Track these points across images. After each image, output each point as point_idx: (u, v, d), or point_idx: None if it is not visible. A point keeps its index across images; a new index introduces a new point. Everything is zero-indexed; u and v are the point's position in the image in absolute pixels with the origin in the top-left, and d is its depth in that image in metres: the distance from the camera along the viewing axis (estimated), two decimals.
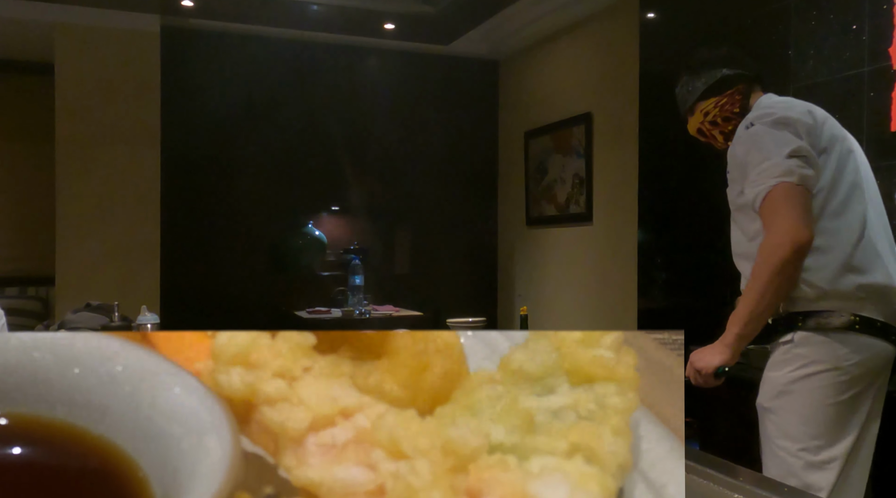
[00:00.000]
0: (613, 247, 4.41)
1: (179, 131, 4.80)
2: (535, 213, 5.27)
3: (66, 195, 4.56)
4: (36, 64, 4.95)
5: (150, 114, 4.70)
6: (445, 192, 5.57)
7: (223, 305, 4.89)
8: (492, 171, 5.79)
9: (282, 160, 5.15)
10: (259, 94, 5.04)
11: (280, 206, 5.22)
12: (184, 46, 4.84)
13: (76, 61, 4.56)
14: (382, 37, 5.15)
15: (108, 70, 4.61)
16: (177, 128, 4.79)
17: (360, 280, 5.00)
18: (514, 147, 5.54)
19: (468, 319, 3.40)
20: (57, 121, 4.55)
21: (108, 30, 4.60)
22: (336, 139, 5.29)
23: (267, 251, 5.20)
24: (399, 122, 5.44)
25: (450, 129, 5.58)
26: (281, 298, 5.15)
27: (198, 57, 4.89)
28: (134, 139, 4.66)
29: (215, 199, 4.97)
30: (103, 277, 4.49)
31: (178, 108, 4.81)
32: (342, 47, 5.29)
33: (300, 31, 5.01)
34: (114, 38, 4.62)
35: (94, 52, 4.59)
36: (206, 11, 4.60)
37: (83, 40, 4.58)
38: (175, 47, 4.80)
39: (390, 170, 5.48)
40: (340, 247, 5.47)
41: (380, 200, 5.53)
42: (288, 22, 4.86)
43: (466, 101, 5.67)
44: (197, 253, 4.91)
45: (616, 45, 4.41)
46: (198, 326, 4.23)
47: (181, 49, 4.83)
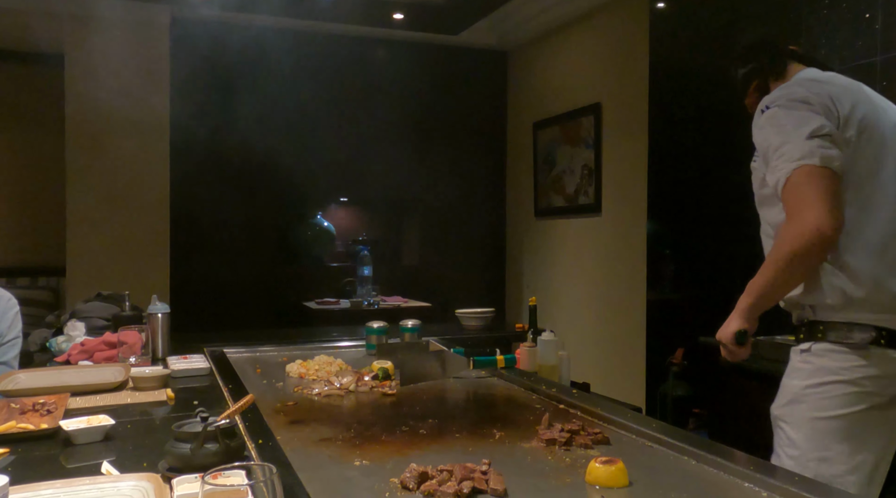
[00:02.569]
0: (622, 238, 4.39)
1: (189, 122, 4.81)
2: (543, 204, 5.26)
3: (77, 186, 4.58)
4: (46, 55, 4.95)
5: (159, 105, 4.71)
6: (454, 183, 5.56)
7: (232, 295, 4.90)
8: (500, 161, 5.78)
9: (291, 151, 5.15)
10: (268, 85, 5.04)
11: (289, 197, 5.23)
12: (194, 37, 4.84)
13: (86, 52, 4.57)
14: (391, 27, 5.14)
15: (118, 61, 4.62)
16: (186, 118, 4.79)
17: (368, 271, 5.01)
18: (523, 138, 5.52)
19: (476, 310, 3.40)
20: (67, 111, 4.56)
21: (118, 20, 4.60)
22: (345, 130, 5.29)
23: (276, 242, 5.21)
24: (407, 113, 5.43)
25: (458, 120, 5.57)
26: (290, 288, 5.16)
27: (207, 48, 4.89)
28: (144, 130, 4.67)
29: (224, 190, 4.97)
30: (113, 267, 4.51)
31: (188, 98, 4.81)
32: (351, 37, 5.28)
33: (310, 21, 5.00)
34: (124, 29, 4.62)
35: (104, 42, 4.59)
36: (216, 2, 4.59)
37: (93, 31, 4.58)
38: (185, 38, 4.80)
39: (399, 161, 5.47)
40: (349, 238, 5.48)
41: (388, 191, 5.53)
42: (298, 12, 4.86)
43: (475, 92, 5.65)
44: (206, 243, 4.92)
45: (626, 35, 4.39)
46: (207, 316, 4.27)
47: (191, 40, 4.82)
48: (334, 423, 1.74)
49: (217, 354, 2.50)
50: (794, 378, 1.74)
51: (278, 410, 1.86)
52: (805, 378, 1.71)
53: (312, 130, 5.19)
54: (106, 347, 2.34)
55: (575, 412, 1.81)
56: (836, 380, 1.67)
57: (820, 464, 1.64)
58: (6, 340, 2.41)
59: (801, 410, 1.70)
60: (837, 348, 1.68)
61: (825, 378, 1.68)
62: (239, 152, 4.99)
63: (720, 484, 1.29)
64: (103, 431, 1.49)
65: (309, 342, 2.83)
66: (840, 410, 1.65)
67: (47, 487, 1.13)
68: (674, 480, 1.32)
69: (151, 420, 1.70)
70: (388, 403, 1.96)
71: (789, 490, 1.17)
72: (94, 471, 1.27)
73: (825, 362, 1.69)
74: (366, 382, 2.12)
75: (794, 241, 1.61)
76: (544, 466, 1.40)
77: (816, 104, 1.69)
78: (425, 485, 1.24)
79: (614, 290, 4.47)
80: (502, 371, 2.29)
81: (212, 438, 1.22)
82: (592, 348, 4.59)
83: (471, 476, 1.26)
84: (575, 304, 4.86)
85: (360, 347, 2.78)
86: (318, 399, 2.00)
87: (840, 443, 1.64)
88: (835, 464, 1.64)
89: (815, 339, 1.72)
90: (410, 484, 1.25)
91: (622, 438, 1.58)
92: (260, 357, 2.63)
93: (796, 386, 1.72)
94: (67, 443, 1.47)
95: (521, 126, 5.58)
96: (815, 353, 1.71)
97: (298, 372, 2.28)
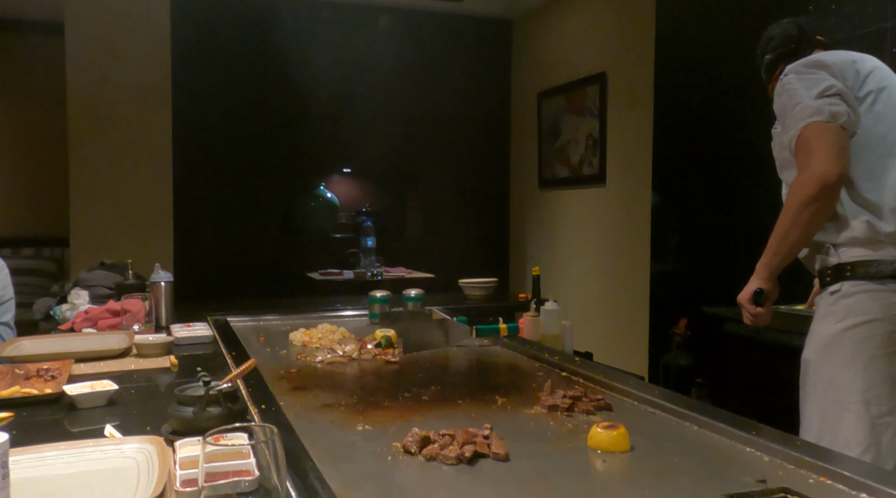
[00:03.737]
0: (627, 209, 4.37)
1: (191, 92, 4.78)
2: (547, 174, 5.23)
3: (79, 157, 4.56)
4: (46, 24, 4.91)
5: (161, 75, 4.67)
6: (457, 154, 5.53)
7: (236, 266, 4.91)
8: (504, 132, 5.74)
9: (294, 121, 5.12)
10: (271, 55, 4.99)
11: (292, 167, 5.21)
12: (195, 4, 4.78)
13: (86, 21, 4.52)
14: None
15: (118, 30, 4.58)
16: (188, 89, 4.76)
17: (372, 242, 5.00)
18: (527, 108, 5.48)
19: (480, 280, 3.40)
20: (68, 81, 4.53)
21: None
22: (348, 100, 5.25)
23: (279, 213, 5.20)
24: (411, 83, 5.39)
25: (462, 90, 5.52)
26: (293, 259, 5.16)
27: (209, 18, 4.84)
28: (145, 100, 4.64)
29: (227, 161, 4.95)
30: (117, 237, 4.51)
31: (189, 68, 4.77)
32: (354, 5, 5.22)
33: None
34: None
35: (104, 12, 4.55)
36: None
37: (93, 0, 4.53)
38: (186, 5, 4.75)
39: (402, 131, 5.44)
40: (352, 209, 5.46)
41: (392, 162, 5.50)
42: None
43: (479, 62, 5.60)
44: (209, 214, 4.92)
45: (632, 3, 4.32)
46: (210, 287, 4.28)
47: (192, 7, 4.77)
48: (337, 389, 1.75)
49: (220, 322, 2.50)
50: (827, 322, 1.76)
51: (281, 376, 1.86)
52: (839, 321, 1.74)
53: (315, 101, 5.15)
54: (109, 315, 2.34)
55: (577, 379, 1.81)
56: (871, 319, 1.69)
57: (862, 406, 1.66)
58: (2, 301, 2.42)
59: (838, 354, 1.72)
60: (869, 286, 1.71)
61: (859, 318, 1.71)
62: (241, 123, 4.96)
63: (721, 449, 1.29)
64: (107, 395, 1.49)
65: (312, 312, 2.83)
66: (879, 350, 1.68)
67: (51, 450, 1.14)
68: (675, 445, 1.32)
69: (155, 386, 1.70)
70: (391, 371, 1.96)
71: (790, 454, 1.17)
72: (98, 435, 1.28)
73: (858, 302, 1.72)
74: (369, 350, 2.13)
75: (800, 190, 1.70)
76: (546, 431, 1.40)
77: (833, 65, 1.77)
78: (427, 449, 1.25)
79: (618, 260, 4.46)
80: (505, 340, 2.29)
81: (214, 401, 1.23)
82: (596, 319, 4.60)
83: (473, 440, 1.26)
84: (579, 275, 4.85)
85: (363, 316, 2.78)
86: (320, 366, 2.00)
87: (882, 383, 1.67)
88: (876, 404, 1.66)
89: (844, 278, 1.75)
90: (412, 448, 1.26)
91: (624, 405, 1.59)
92: (263, 326, 2.63)
93: (831, 329, 1.74)
94: (71, 408, 1.48)
95: (525, 96, 5.53)
96: (845, 293, 1.74)
97: (301, 340, 2.28)
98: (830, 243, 1.78)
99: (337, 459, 1.24)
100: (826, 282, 1.80)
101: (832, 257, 1.78)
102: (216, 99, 4.87)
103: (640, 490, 1.11)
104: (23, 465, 1.08)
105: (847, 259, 1.75)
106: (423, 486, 1.13)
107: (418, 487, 1.13)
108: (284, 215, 5.23)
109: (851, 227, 1.74)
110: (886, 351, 1.68)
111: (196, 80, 4.79)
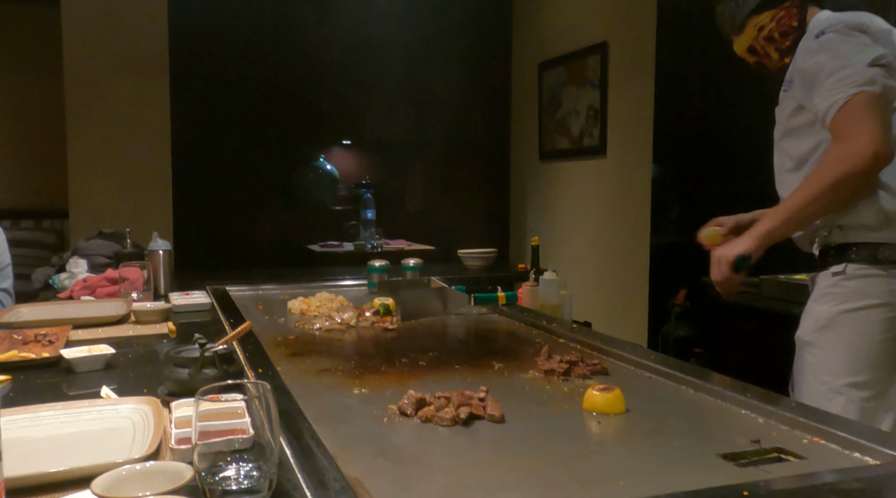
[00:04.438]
0: (627, 181, 4.35)
1: (188, 62, 4.73)
2: (548, 146, 5.20)
3: (77, 128, 4.54)
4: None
5: (158, 44, 4.63)
6: (457, 125, 5.49)
7: (235, 238, 4.90)
8: (505, 103, 5.70)
9: (292, 93, 5.08)
10: (269, 25, 4.94)
11: (291, 139, 5.18)
12: None
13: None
14: None
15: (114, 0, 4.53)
16: (185, 59, 4.72)
17: (371, 214, 4.99)
18: (528, 79, 5.43)
19: (478, 250, 3.40)
20: (65, 52, 4.49)
21: None
22: (347, 71, 5.21)
23: (278, 185, 5.18)
24: (410, 54, 5.33)
25: (462, 61, 5.47)
26: (293, 231, 5.15)
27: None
28: (142, 70, 4.60)
29: (226, 132, 4.92)
30: (116, 208, 4.50)
31: (186, 38, 4.72)
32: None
33: None
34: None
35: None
36: None
37: None
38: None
39: (402, 103, 5.40)
40: (352, 181, 5.44)
41: (391, 134, 5.47)
42: None
43: (479, 32, 5.54)
44: (209, 186, 4.90)
45: None
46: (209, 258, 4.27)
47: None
48: (334, 355, 1.75)
49: (219, 291, 2.51)
50: (826, 303, 1.71)
51: (279, 343, 1.87)
52: (839, 303, 1.69)
53: (314, 72, 5.11)
54: (108, 283, 2.34)
55: (574, 346, 1.81)
56: (874, 304, 1.65)
57: (851, 389, 1.65)
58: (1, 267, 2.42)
59: (835, 336, 1.68)
60: (874, 270, 1.66)
61: (861, 302, 1.66)
62: (240, 94, 4.92)
63: (717, 411, 1.29)
64: (104, 359, 1.50)
65: (312, 281, 2.83)
66: (878, 336, 1.65)
67: (48, 410, 1.14)
68: (671, 407, 1.32)
69: (152, 351, 1.70)
70: (389, 338, 1.97)
71: (785, 415, 1.18)
72: (95, 397, 1.28)
73: (860, 285, 1.67)
74: (367, 318, 2.13)
75: (846, 163, 1.59)
76: (542, 394, 1.41)
77: (874, 32, 1.67)
78: (423, 411, 1.25)
79: (619, 231, 4.45)
80: (503, 308, 2.30)
81: (210, 363, 1.23)
82: (596, 289, 4.60)
83: (468, 402, 1.26)
84: (579, 246, 4.85)
85: (362, 286, 2.78)
86: (319, 334, 2.00)
87: (875, 368, 1.65)
88: (866, 388, 1.65)
89: (849, 260, 1.69)
90: (408, 410, 1.26)
91: (621, 369, 1.59)
92: (262, 295, 2.63)
93: (829, 311, 1.70)
94: (69, 371, 1.48)
95: (526, 67, 5.48)
96: (849, 275, 1.68)
97: (300, 308, 2.28)
98: (837, 223, 1.71)
99: (333, 420, 1.25)
100: (828, 262, 1.73)
101: (835, 236, 1.72)
102: (214, 69, 4.83)
103: (633, 450, 1.12)
104: (19, 424, 1.09)
105: (854, 240, 1.69)
106: (418, 446, 1.14)
107: (413, 446, 1.13)
108: (284, 187, 5.21)
109: (860, 212, 1.67)
110: (884, 336, 1.65)
111: (194, 51, 4.75)
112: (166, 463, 0.90)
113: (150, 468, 0.86)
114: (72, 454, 0.99)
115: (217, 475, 0.85)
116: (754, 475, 0.99)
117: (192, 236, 4.70)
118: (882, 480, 0.92)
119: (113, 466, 0.86)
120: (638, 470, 1.03)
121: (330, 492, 0.89)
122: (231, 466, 0.85)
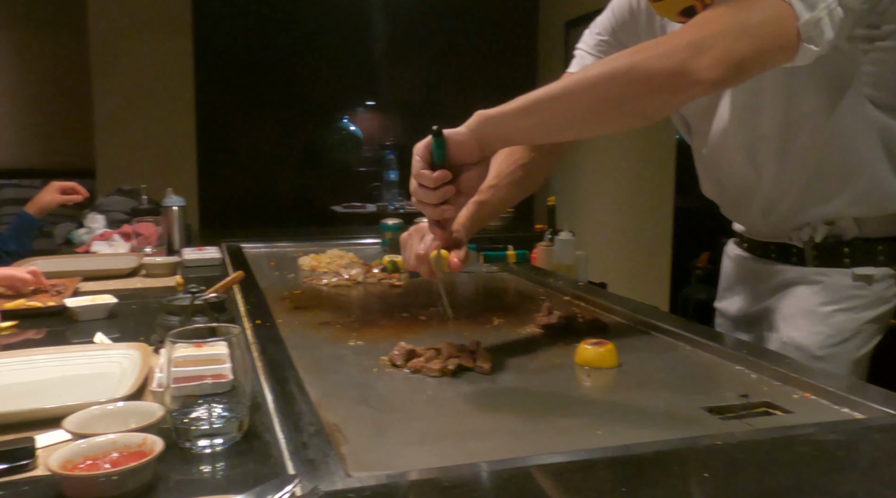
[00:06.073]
0: (651, 141, 4.27)
1: (211, 20, 4.73)
2: None
3: (102, 87, 4.58)
4: None
5: (181, 2, 4.63)
6: (481, 85, 5.42)
7: (259, 198, 4.94)
8: (530, 63, 5.60)
9: (317, 53, 5.06)
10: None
11: (315, 100, 5.17)
12: None
13: None
14: None
15: None
16: (209, 17, 4.72)
17: (395, 175, 4.99)
18: (554, 38, 5.32)
19: None
20: (89, 11, 4.51)
21: None
22: (371, 32, 5.16)
23: (302, 146, 5.19)
24: (434, 14, 5.26)
25: (487, 21, 5.38)
26: (316, 192, 5.17)
27: None
28: (166, 29, 4.62)
29: (249, 92, 4.93)
30: (141, 168, 4.55)
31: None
32: None
33: None
34: None
35: None
36: None
37: None
38: None
39: (426, 64, 5.35)
40: (376, 142, 5.43)
41: (415, 95, 5.43)
42: None
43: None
44: (232, 146, 4.93)
45: None
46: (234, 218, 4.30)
47: None
48: (337, 309, 1.76)
49: (234, 248, 2.53)
50: (852, 311, 1.39)
51: (284, 297, 1.88)
52: (863, 310, 1.38)
53: (339, 33, 5.07)
54: (122, 238, 2.38)
55: (579, 303, 1.80)
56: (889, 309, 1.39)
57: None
58: None
59: (855, 348, 1.39)
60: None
61: (880, 309, 1.38)
62: (263, 54, 4.92)
63: (710, 366, 1.27)
64: (106, 308, 1.52)
65: (327, 239, 2.84)
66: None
67: (41, 354, 1.17)
68: (664, 362, 1.31)
69: (156, 302, 1.73)
70: (395, 294, 1.97)
71: (778, 371, 1.15)
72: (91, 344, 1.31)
73: (882, 291, 1.38)
74: (374, 274, 2.13)
75: (670, 56, 1.05)
76: (536, 348, 1.40)
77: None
78: (412, 362, 1.25)
79: (642, 193, 4.38)
80: (513, 266, 2.28)
81: (200, 311, 1.24)
82: (617, 251, 4.55)
83: (458, 354, 1.26)
84: (601, 207, 4.79)
85: (376, 244, 2.78)
86: (325, 289, 2.01)
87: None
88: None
89: (877, 262, 1.37)
90: (398, 361, 1.26)
91: (621, 326, 1.57)
92: (276, 252, 2.65)
93: (853, 321, 1.38)
94: (74, 320, 1.51)
95: (552, 26, 5.37)
96: (879, 279, 1.37)
97: (310, 265, 2.29)
98: (851, 214, 1.37)
99: (323, 370, 1.25)
100: (844, 262, 1.39)
101: (848, 231, 1.39)
102: (238, 29, 4.82)
103: (617, 402, 1.11)
104: (10, 367, 1.11)
105: (878, 235, 1.37)
106: (402, 394, 1.14)
107: (396, 395, 1.13)
108: (307, 148, 5.22)
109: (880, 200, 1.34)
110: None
111: (217, 9, 4.74)
112: (139, 403, 0.92)
113: (122, 408, 0.87)
114: (56, 396, 1.01)
115: (188, 415, 0.86)
116: (736, 428, 0.98)
117: (217, 196, 4.75)
118: (859, 433, 0.90)
119: (88, 406, 0.87)
120: (618, 421, 1.02)
121: (304, 435, 0.90)
122: (202, 408, 0.86)
